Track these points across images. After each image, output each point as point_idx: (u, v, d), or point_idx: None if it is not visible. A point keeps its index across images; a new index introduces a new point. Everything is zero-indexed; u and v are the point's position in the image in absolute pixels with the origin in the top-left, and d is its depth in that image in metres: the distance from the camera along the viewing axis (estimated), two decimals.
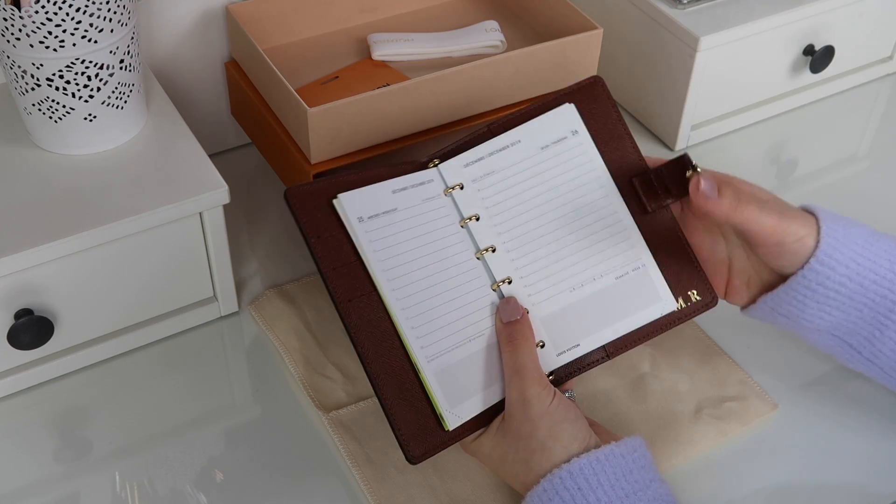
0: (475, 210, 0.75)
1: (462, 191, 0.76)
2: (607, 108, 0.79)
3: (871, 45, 1.14)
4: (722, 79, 1.03)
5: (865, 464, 0.78)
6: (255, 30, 0.96)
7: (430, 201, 0.75)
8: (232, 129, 1.04)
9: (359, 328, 0.70)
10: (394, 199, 0.74)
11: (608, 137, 0.78)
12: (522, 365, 0.70)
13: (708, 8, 1.01)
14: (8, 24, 0.76)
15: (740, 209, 0.72)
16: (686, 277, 0.77)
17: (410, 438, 0.69)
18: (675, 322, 0.77)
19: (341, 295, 0.71)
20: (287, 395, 0.81)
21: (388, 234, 0.72)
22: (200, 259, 0.84)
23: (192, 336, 0.86)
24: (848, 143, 1.10)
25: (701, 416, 0.79)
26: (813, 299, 0.73)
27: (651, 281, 0.76)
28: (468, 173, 0.76)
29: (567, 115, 0.78)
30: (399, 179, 0.74)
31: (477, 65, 0.88)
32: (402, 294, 0.71)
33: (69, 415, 0.81)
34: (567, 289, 0.75)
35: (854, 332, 0.75)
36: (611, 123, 0.79)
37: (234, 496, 0.74)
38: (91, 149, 0.83)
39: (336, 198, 0.72)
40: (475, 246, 0.75)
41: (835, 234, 0.73)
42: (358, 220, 0.72)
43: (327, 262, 0.71)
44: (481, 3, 1.06)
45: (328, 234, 0.72)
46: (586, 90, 0.79)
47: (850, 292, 0.73)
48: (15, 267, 0.75)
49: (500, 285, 0.74)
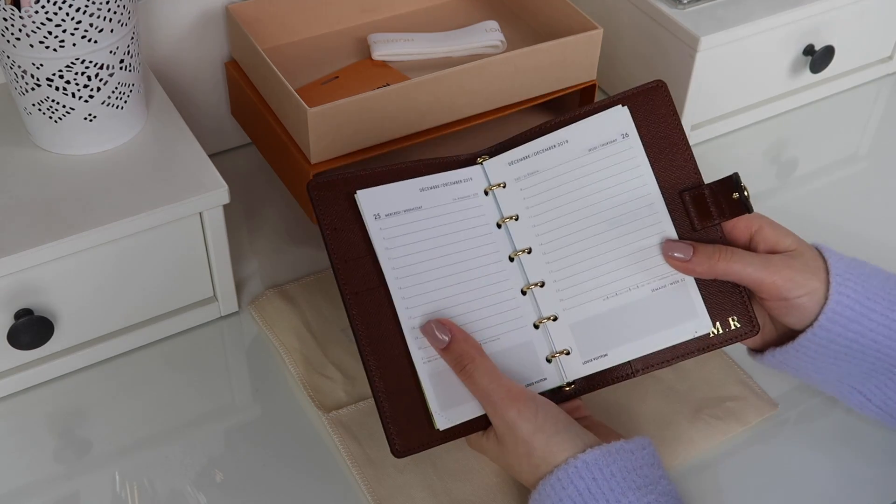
0: (515, 210, 0.74)
1: (504, 189, 0.75)
2: (666, 114, 0.75)
3: (871, 45, 1.14)
4: (722, 79, 1.03)
5: (865, 464, 0.78)
6: (255, 30, 0.96)
7: (462, 201, 0.74)
8: (232, 129, 1.04)
9: (360, 321, 0.70)
10: (420, 196, 0.73)
11: (663, 145, 0.75)
12: (486, 391, 0.68)
13: (708, 8, 1.01)
14: (8, 24, 0.76)
15: (722, 266, 0.70)
16: (728, 303, 0.73)
17: (397, 433, 0.69)
18: (710, 347, 0.73)
19: (348, 287, 0.71)
20: (287, 395, 0.81)
21: (405, 232, 0.72)
22: (200, 259, 0.84)
23: (192, 336, 0.86)
24: (848, 143, 1.10)
25: (701, 416, 0.79)
26: (823, 356, 0.71)
27: (688, 297, 0.73)
28: (512, 172, 0.75)
29: (618, 118, 0.75)
30: (430, 177, 0.74)
31: (477, 65, 0.88)
32: (409, 293, 0.71)
33: (69, 415, 0.81)
34: (600, 297, 0.73)
35: (865, 382, 0.73)
36: (667, 131, 0.75)
37: (234, 496, 0.74)
38: (91, 149, 0.83)
39: (356, 193, 0.72)
40: (511, 246, 0.74)
41: (845, 289, 0.69)
42: (374, 217, 0.72)
43: (339, 254, 0.71)
44: (481, 3, 1.06)
45: (344, 227, 0.72)
46: (647, 94, 0.75)
47: (863, 347, 0.70)
48: (15, 267, 0.75)
49: (531, 288, 0.73)
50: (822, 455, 0.78)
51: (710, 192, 0.73)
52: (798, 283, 0.70)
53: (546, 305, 0.73)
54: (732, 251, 0.71)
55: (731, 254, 0.71)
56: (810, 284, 0.70)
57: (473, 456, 0.76)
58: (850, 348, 0.70)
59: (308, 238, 0.95)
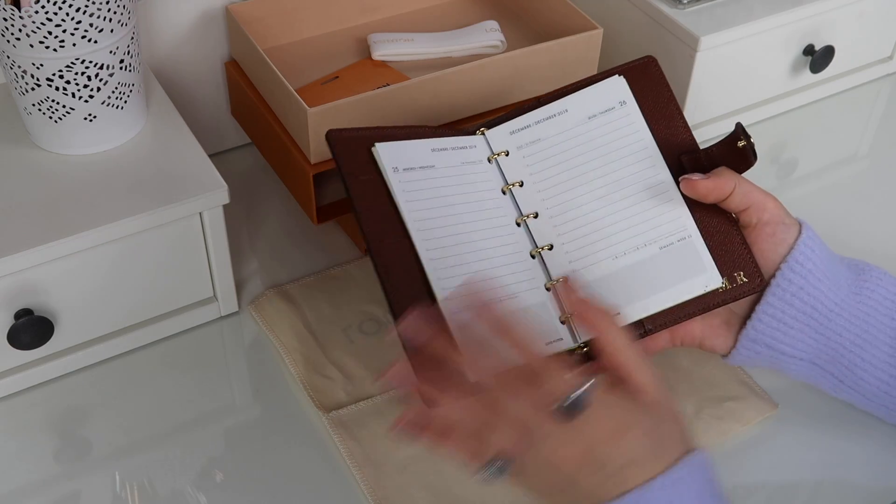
0: (520, 176, 0.76)
1: (507, 157, 0.76)
2: (659, 87, 0.78)
3: (871, 45, 1.14)
4: (722, 79, 1.03)
5: (865, 463, 0.78)
6: (255, 30, 0.96)
7: (470, 165, 0.75)
8: (232, 129, 1.04)
9: (389, 269, 0.70)
10: (432, 156, 0.74)
11: (659, 116, 0.77)
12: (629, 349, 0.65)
13: (708, 8, 1.01)
14: (8, 24, 0.76)
15: (738, 184, 0.72)
16: (734, 258, 0.74)
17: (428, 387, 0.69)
18: (719, 302, 0.74)
19: (374, 234, 0.71)
20: (287, 395, 0.81)
21: (423, 187, 0.73)
22: (200, 259, 0.84)
23: (192, 336, 0.86)
24: (848, 143, 1.10)
25: (701, 416, 0.79)
26: (788, 316, 0.73)
27: (696, 252, 0.74)
28: (514, 140, 0.76)
29: (616, 87, 0.78)
30: (440, 140, 0.75)
31: (477, 65, 0.88)
32: (433, 245, 0.71)
33: (69, 415, 0.81)
34: (609, 256, 0.74)
35: (835, 361, 0.74)
36: (662, 102, 0.78)
37: (234, 496, 0.74)
38: (91, 149, 0.83)
39: (374, 146, 0.73)
40: (517, 211, 0.75)
41: (813, 243, 0.73)
42: (393, 169, 0.72)
43: (362, 201, 0.72)
44: (481, 3, 1.06)
45: (365, 177, 0.72)
46: (639, 69, 0.79)
47: (822, 317, 0.73)
48: (15, 267, 0.75)
49: (540, 251, 0.74)
50: (822, 455, 0.78)
51: (706, 154, 0.75)
52: (787, 213, 0.74)
53: (555, 267, 0.74)
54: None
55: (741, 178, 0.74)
56: (793, 221, 0.74)
57: None
58: (811, 315, 0.73)
59: (308, 238, 0.95)
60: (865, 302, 0.74)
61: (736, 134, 0.73)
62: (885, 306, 0.74)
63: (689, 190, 0.74)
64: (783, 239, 0.74)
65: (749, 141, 0.72)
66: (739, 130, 0.73)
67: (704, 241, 0.75)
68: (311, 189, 0.86)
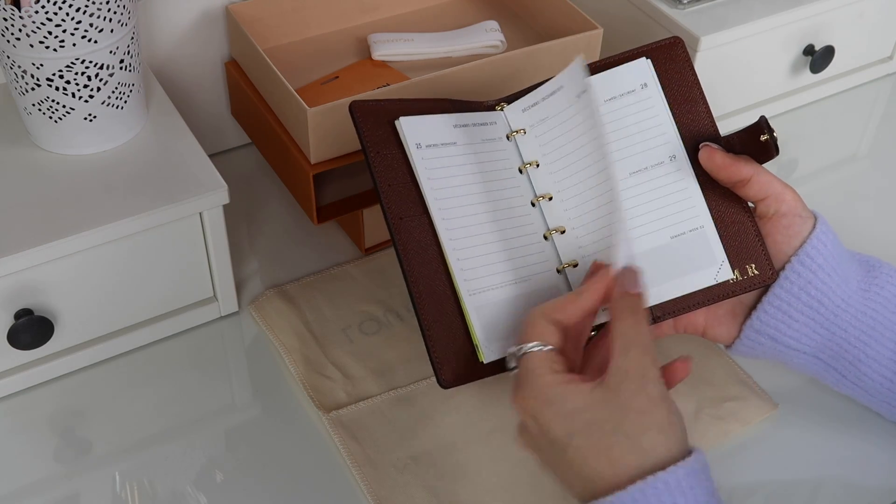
0: (535, 156, 0.75)
1: (524, 136, 0.76)
2: (684, 70, 0.76)
3: (871, 45, 1.14)
4: (722, 79, 1.03)
5: (865, 463, 0.78)
6: (255, 30, 0.96)
7: (490, 143, 0.75)
8: (232, 129, 1.04)
9: (407, 247, 0.70)
10: (454, 133, 0.74)
11: (682, 100, 0.76)
12: (646, 342, 0.64)
13: (708, 8, 1.01)
14: (8, 24, 0.76)
15: (757, 171, 0.72)
16: (746, 250, 0.74)
17: (444, 362, 0.69)
18: (729, 294, 0.73)
19: (394, 212, 0.71)
20: (287, 395, 0.81)
21: (445, 164, 0.73)
22: (200, 259, 0.84)
23: (192, 336, 0.86)
24: (848, 143, 1.10)
25: (701, 416, 0.79)
26: (794, 308, 0.73)
27: (708, 244, 0.74)
28: (527, 118, 0.76)
29: (639, 69, 0.75)
30: (462, 115, 0.75)
31: (477, 65, 0.88)
32: (452, 224, 0.71)
33: (69, 415, 0.81)
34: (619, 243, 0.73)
35: (839, 357, 0.74)
36: (686, 86, 0.76)
37: (234, 496, 0.74)
38: (91, 149, 0.83)
39: (398, 120, 0.73)
40: (532, 192, 0.75)
41: (826, 237, 0.73)
42: (416, 146, 0.72)
43: (384, 178, 0.71)
44: (481, 3, 1.06)
45: (387, 152, 0.72)
46: (665, 50, 0.76)
47: (829, 311, 0.73)
48: (15, 267, 0.75)
49: (552, 234, 0.74)
50: (822, 455, 0.78)
51: (726, 143, 0.73)
52: (804, 206, 0.74)
53: (566, 252, 0.74)
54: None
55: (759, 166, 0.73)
56: (809, 215, 0.74)
57: (474, 456, 0.76)
58: (817, 310, 0.72)
59: (308, 238, 0.95)
60: (874, 299, 0.74)
61: (759, 127, 0.72)
62: (893, 304, 0.74)
63: (706, 158, 0.73)
64: (798, 231, 0.73)
65: (772, 135, 0.71)
66: (763, 124, 0.72)
67: (718, 230, 0.74)
68: (311, 189, 0.86)
